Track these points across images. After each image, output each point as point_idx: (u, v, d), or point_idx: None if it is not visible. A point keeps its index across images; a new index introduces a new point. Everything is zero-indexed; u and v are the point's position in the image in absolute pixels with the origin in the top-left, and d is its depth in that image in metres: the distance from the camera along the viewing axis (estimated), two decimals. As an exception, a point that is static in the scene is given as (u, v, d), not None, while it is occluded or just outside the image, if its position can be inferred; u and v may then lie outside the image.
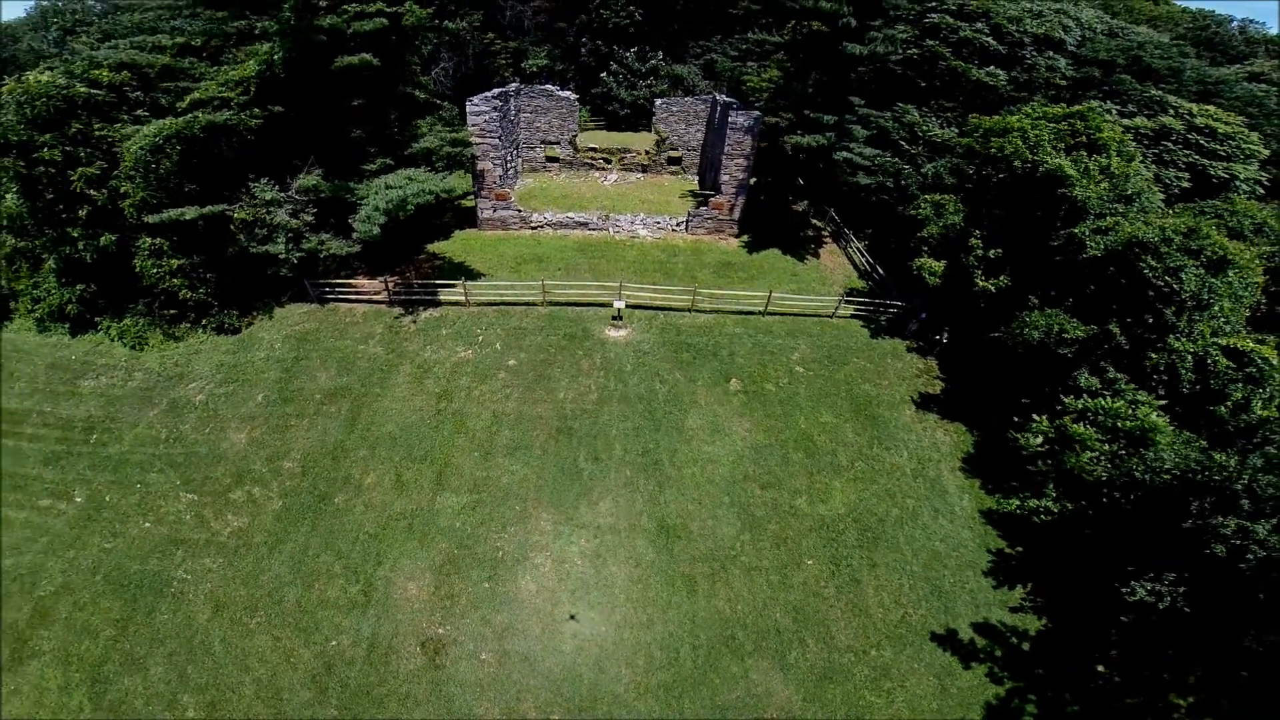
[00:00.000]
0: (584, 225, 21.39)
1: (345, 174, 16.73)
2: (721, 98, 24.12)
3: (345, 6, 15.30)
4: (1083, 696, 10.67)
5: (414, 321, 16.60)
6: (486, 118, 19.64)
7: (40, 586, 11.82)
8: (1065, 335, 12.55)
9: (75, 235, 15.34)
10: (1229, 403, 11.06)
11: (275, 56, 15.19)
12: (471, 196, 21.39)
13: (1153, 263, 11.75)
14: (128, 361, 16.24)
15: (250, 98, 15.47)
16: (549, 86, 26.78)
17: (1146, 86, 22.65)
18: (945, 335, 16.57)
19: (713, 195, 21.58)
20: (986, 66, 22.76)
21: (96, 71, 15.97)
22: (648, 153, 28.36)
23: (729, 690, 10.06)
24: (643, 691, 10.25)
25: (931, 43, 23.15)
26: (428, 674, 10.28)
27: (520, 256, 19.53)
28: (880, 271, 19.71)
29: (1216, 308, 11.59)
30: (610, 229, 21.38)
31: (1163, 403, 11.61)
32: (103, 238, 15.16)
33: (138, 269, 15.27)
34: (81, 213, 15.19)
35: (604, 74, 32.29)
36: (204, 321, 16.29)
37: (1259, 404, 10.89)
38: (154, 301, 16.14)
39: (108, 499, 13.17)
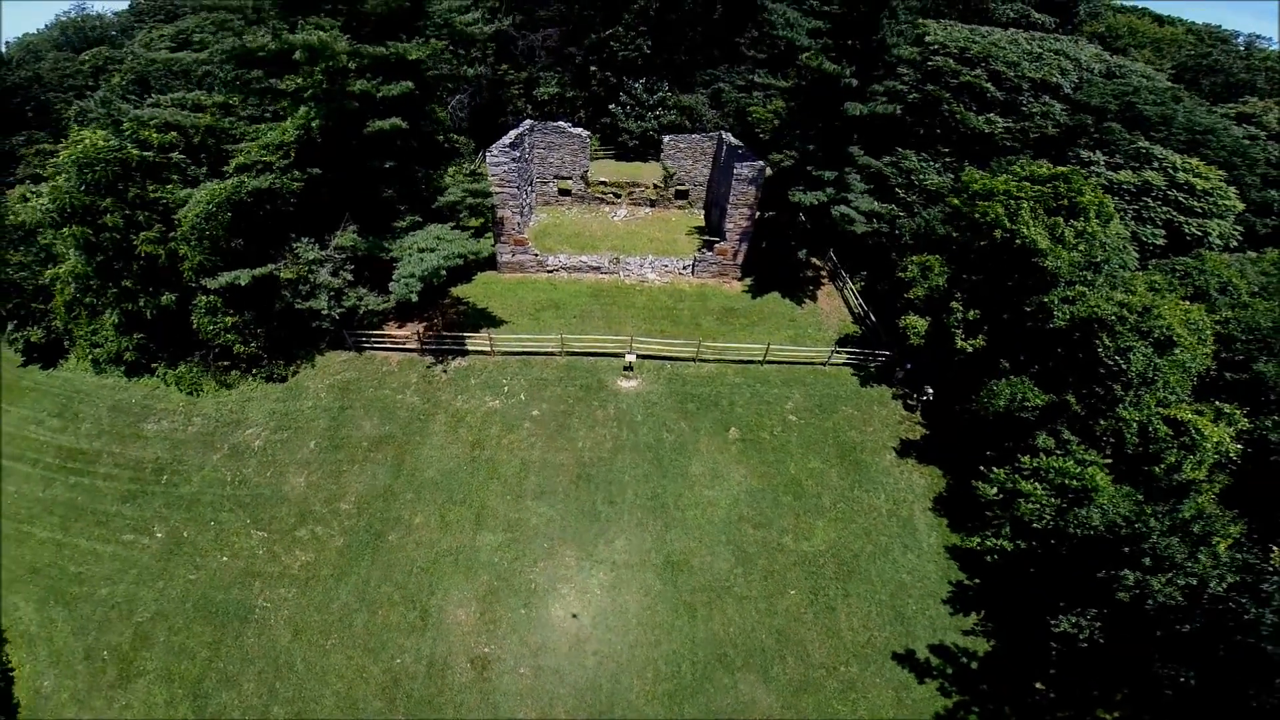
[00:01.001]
0: (596, 269, 24.62)
1: (378, 231, 19.86)
2: (728, 138, 27.30)
3: (371, 58, 18.24)
4: (1021, 710, 14.05)
5: (444, 371, 19.86)
6: (505, 168, 22.80)
7: (137, 613, 15.07)
8: (1027, 403, 15.85)
9: (134, 289, 18.40)
10: (1163, 465, 14.38)
11: (313, 123, 18.19)
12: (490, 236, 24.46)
13: (1107, 342, 14.95)
14: (185, 406, 19.46)
15: (290, 161, 18.53)
16: (561, 123, 29.96)
17: (1136, 136, 25.63)
18: (930, 394, 19.81)
19: (717, 241, 24.82)
20: (985, 113, 25.91)
21: (145, 132, 18.89)
22: (656, 186, 31.60)
23: (721, 698, 13.39)
24: (651, 699, 13.59)
25: (932, 87, 26.32)
26: (477, 685, 13.58)
27: (539, 303, 22.80)
28: (872, 318, 23.01)
29: (1161, 382, 14.83)
30: (621, 273, 24.62)
31: (1109, 461, 14.91)
32: (164, 297, 18.28)
33: (195, 325, 18.38)
34: (136, 268, 18.22)
35: (613, 105, 35.39)
36: (254, 370, 19.49)
37: (1189, 467, 14.20)
38: (208, 353, 19.32)
39: (185, 535, 16.41)
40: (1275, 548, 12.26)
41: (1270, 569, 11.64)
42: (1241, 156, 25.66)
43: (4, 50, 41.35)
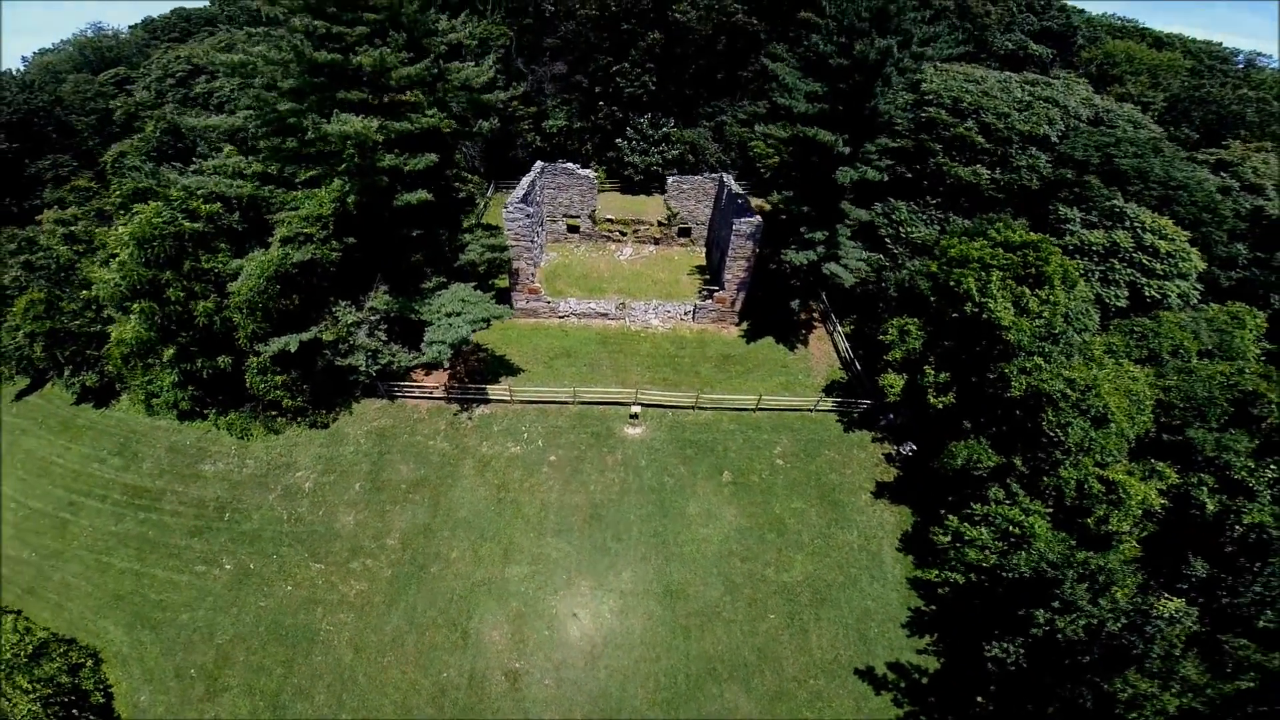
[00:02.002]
0: (604, 316, 28.70)
1: (407, 291, 23.86)
2: (729, 180, 31.33)
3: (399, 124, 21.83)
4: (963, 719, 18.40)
5: (470, 419, 23.98)
6: (520, 223, 26.81)
7: (217, 636, 19.22)
8: (980, 463, 20.08)
9: (192, 351, 22.28)
10: (1094, 517, 18.61)
11: (348, 198, 22.04)
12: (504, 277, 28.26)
13: (1051, 416, 19.06)
14: (238, 450, 23.53)
15: (329, 232, 22.40)
16: (570, 165, 33.97)
17: (1113, 192, 29.38)
18: (913, 449, 23.97)
19: (717, 290, 28.92)
20: (973, 165, 29.83)
21: (193, 203, 22.71)
22: (660, 224, 35.67)
23: (710, 705, 17.68)
24: (652, 705, 17.87)
25: (925, 137, 30.30)
26: (511, 695, 17.82)
27: (552, 350, 26.90)
28: (858, 365, 27.21)
29: (1098, 448, 18.95)
30: (627, 319, 28.71)
31: (1050, 510, 19.10)
32: (220, 359, 22.26)
33: (248, 384, 22.36)
34: (194, 333, 22.02)
35: (619, 139, 39.32)
36: (299, 419, 23.54)
37: (1115, 519, 18.44)
38: (258, 404, 23.35)
39: (252, 567, 20.54)
40: (1163, 595, 16.59)
41: (1155, 614, 15.91)
42: (1211, 212, 29.49)
43: (21, 67, 45.05)
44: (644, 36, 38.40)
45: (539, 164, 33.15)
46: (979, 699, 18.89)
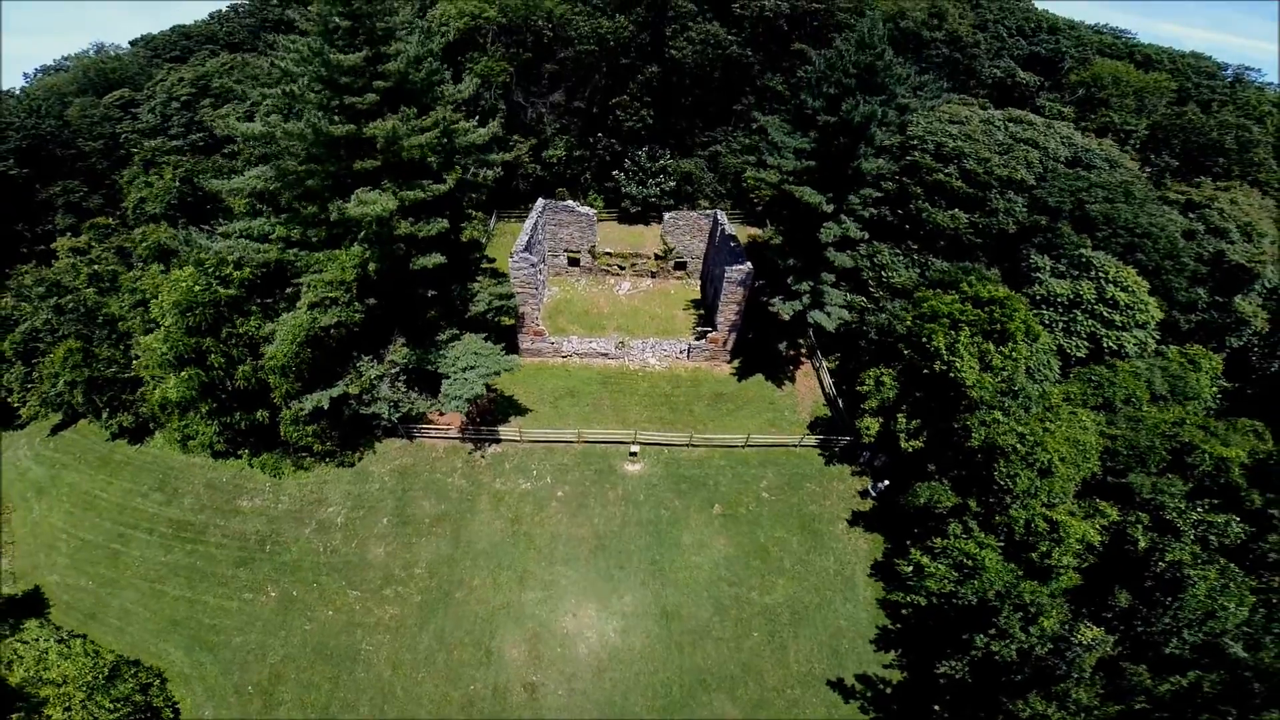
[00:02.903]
0: (604, 355, 32.87)
1: (423, 343, 27.83)
2: (723, 222, 35.40)
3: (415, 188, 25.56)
4: (920, 722, 22.93)
5: (483, 457, 28.16)
6: (525, 272, 30.83)
7: (269, 656, 23.39)
8: (940, 503, 24.48)
9: (231, 406, 26.18)
10: (1038, 552, 23.05)
11: (369, 266, 25.78)
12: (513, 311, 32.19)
13: (1002, 467, 23.45)
14: (271, 486, 27.60)
15: (351, 295, 26.22)
16: (570, 203, 38.02)
17: (1083, 239, 33.54)
18: (886, 485, 28.34)
19: (710, 331, 33.14)
20: (953, 209, 33.94)
21: (226, 269, 26.33)
22: (657, 257, 39.80)
23: (700, 711, 22.10)
24: (651, 711, 22.26)
25: (908, 181, 34.48)
26: (529, 704, 22.14)
27: (557, 390, 31.07)
28: (840, 403, 31.55)
29: (1044, 492, 23.30)
30: (626, 358, 32.90)
31: (1002, 544, 23.51)
32: (259, 413, 26.25)
33: (282, 434, 26.36)
34: (232, 390, 25.79)
35: (616, 171, 43.31)
36: (327, 459, 27.59)
37: (1056, 554, 22.90)
38: (289, 447, 27.37)
39: (295, 594, 24.68)
40: (1085, 624, 21.04)
41: (1076, 641, 20.36)
42: (1172, 259, 33.47)
43: (23, 84, 48.22)
44: (642, 70, 42.31)
45: (540, 202, 37.15)
46: (935, 708, 23.45)
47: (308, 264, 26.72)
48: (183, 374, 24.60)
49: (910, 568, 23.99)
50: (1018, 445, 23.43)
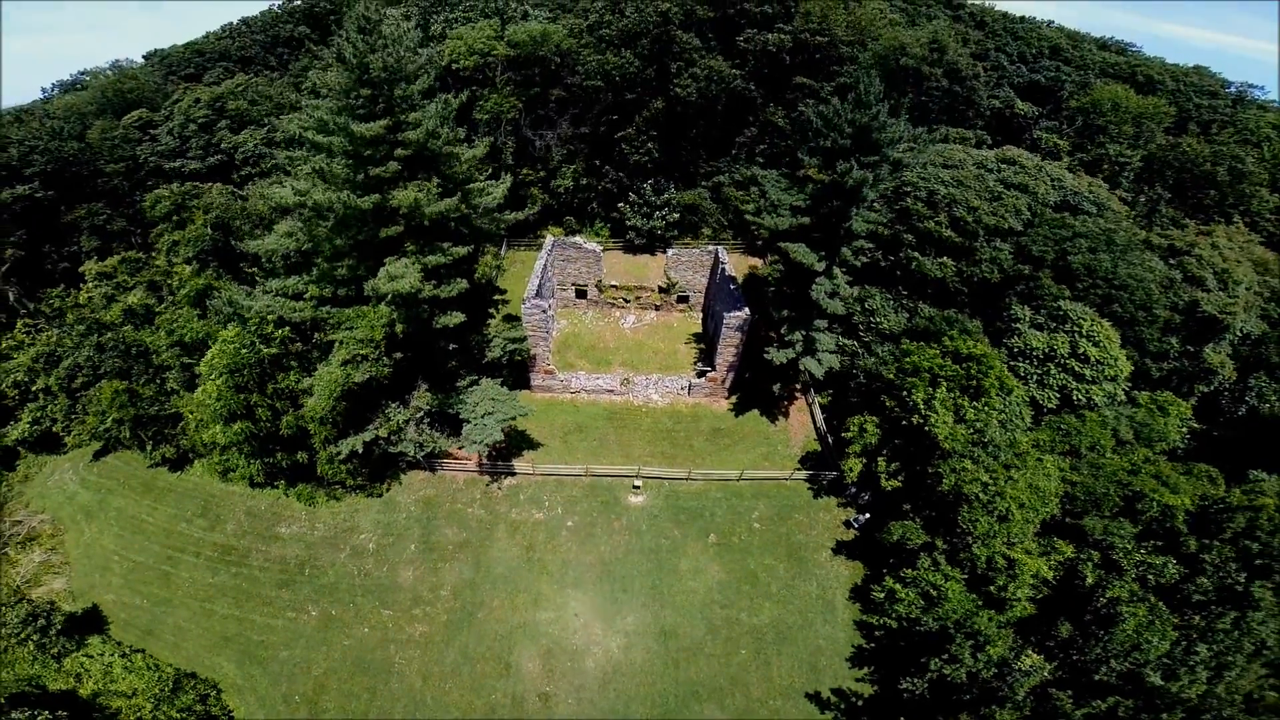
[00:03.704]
0: (610, 392, 37.35)
1: (445, 388, 32.24)
2: (724, 260, 39.69)
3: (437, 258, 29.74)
4: (888, 729, 27.72)
5: (500, 489, 32.72)
6: (537, 318, 35.23)
7: (313, 669, 28.09)
8: (910, 540, 29.08)
9: (273, 449, 30.70)
10: (996, 585, 27.67)
11: (397, 327, 29.91)
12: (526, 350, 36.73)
13: (965, 513, 28.02)
14: (307, 515, 32.19)
15: (380, 352, 30.44)
16: (578, 240, 42.36)
17: (1061, 290, 37.55)
18: (866, 517, 32.92)
19: (709, 371, 37.59)
20: (941, 257, 38.09)
21: (267, 328, 30.59)
22: (661, 290, 44.16)
23: (693, 718, 26.85)
24: (650, 718, 26.98)
25: (900, 228, 38.70)
26: (543, 711, 26.88)
27: (566, 426, 35.58)
28: (830, 439, 36.06)
29: (1003, 533, 27.85)
30: (630, 395, 37.38)
31: (966, 577, 28.12)
32: (299, 455, 30.76)
33: (319, 471, 30.90)
34: (275, 436, 30.24)
35: (623, 204, 47.54)
36: (357, 491, 32.16)
37: (1011, 588, 27.54)
38: (324, 480, 31.92)
39: (334, 613, 29.35)
40: (1027, 652, 25.67)
41: (1016, 667, 24.99)
42: (1146, 310, 37.21)
43: (39, 96, 52.10)
44: (647, 106, 46.41)
45: (550, 239, 41.48)
46: (901, 718, 28.23)
47: (339, 320, 30.87)
48: (234, 426, 29.10)
49: (883, 594, 28.66)
50: (980, 494, 27.92)
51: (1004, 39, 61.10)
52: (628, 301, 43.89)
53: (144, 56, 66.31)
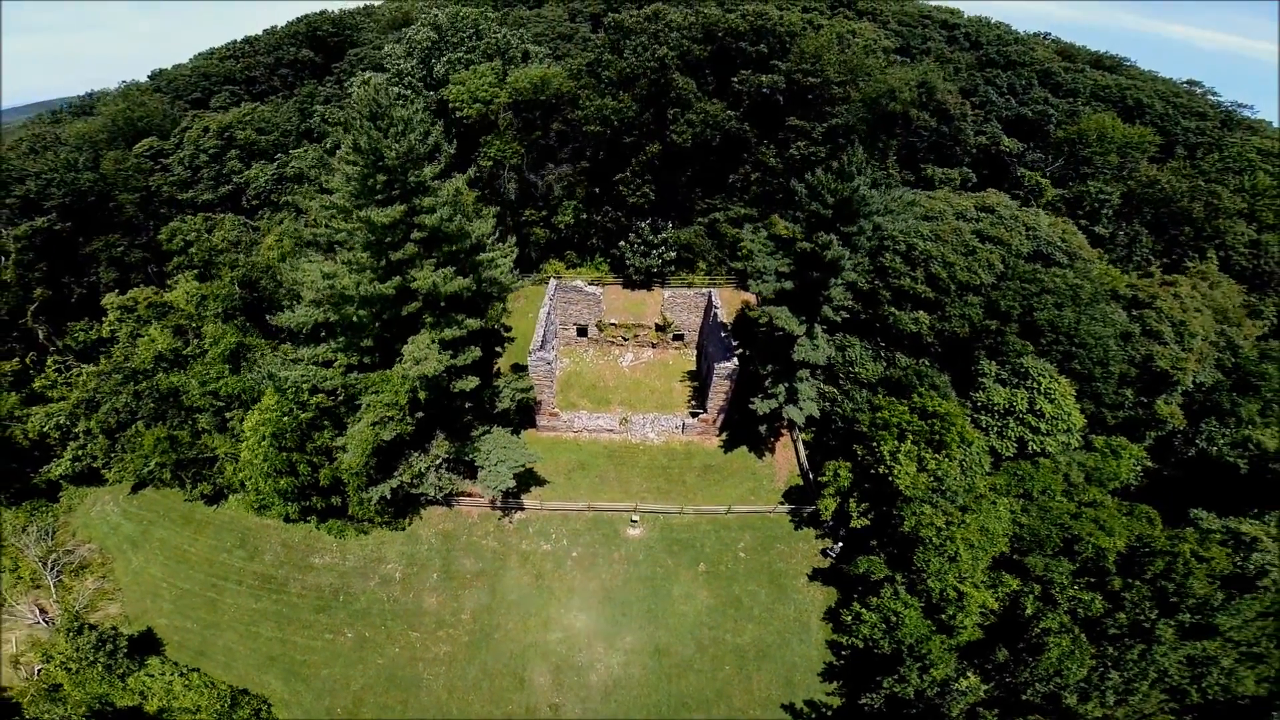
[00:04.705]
0: (610, 431, 43.61)
1: (460, 437, 38.34)
2: (716, 304, 45.80)
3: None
4: (854, 735, 34.56)
5: (510, 523, 39.09)
6: (543, 369, 41.33)
7: (351, 685, 34.57)
8: (873, 573, 35.64)
9: (310, 494, 36.88)
10: (947, 614, 34.31)
11: (420, 395, 35.88)
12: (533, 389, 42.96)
13: (920, 553, 34.51)
14: (338, 547, 38.48)
15: (404, 412, 36.39)
16: (578, 283, 48.34)
17: (1026, 346, 43.77)
18: (840, 546, 39.52)
19: (702, 412, 43.89)
20: (916, 312, 44.24)
21: (303, 394, 36.56)
22: (658, 328, 50.28)
23: (685, 726, 33.62)
24: (648, 727, 33.73)
25: (879, 284, 44.77)
26: (554, 720, 33.55)
27: (569, 464, 41.89)
28: (811, 475, 42.50)
29: (954, 570, 34.37)
30: (629, 433, 43.66)
31: (923, 605, 34.77)
32: (333, 498, 36.92)
33: (350, 511, 37.09)
34: (314, 484, 36.41)
35: (622, 243, 53.40)
36: (383, 525, 38.43)
37: (960, 617, 34.15)
38: (354, 518, 38.16)
39: (367, 635, 35.77)
40: (966, 673, 32.36)
41: (955, 687, 31.66)
42: (1103, 366, 43.41)
43: (52, 120, 57.21)
44: (644, 149, 52.10)
45: (552, 284, 47.42)
46: (867, 727, 35.11)
47: (366, 385, 36.59)
48: (281, 482, 35.28)
49: (851, 617, 35.36)
50: (934, 538, 34.47)
51: (995, 69, 66.68)
52: (626, 339, 49.98)
53: (149, 77, 70.95)
